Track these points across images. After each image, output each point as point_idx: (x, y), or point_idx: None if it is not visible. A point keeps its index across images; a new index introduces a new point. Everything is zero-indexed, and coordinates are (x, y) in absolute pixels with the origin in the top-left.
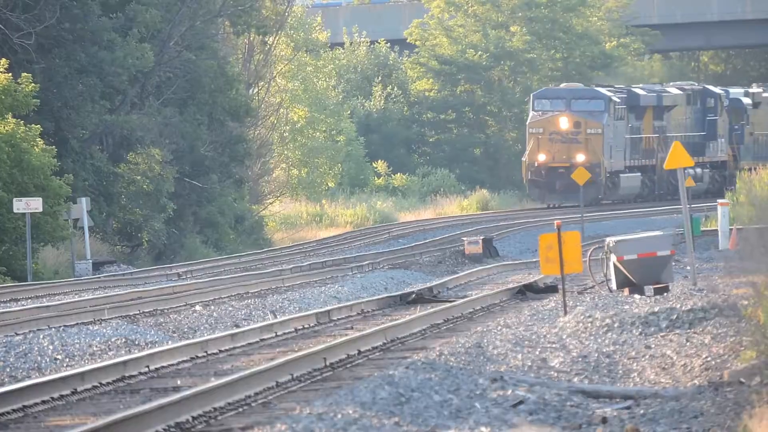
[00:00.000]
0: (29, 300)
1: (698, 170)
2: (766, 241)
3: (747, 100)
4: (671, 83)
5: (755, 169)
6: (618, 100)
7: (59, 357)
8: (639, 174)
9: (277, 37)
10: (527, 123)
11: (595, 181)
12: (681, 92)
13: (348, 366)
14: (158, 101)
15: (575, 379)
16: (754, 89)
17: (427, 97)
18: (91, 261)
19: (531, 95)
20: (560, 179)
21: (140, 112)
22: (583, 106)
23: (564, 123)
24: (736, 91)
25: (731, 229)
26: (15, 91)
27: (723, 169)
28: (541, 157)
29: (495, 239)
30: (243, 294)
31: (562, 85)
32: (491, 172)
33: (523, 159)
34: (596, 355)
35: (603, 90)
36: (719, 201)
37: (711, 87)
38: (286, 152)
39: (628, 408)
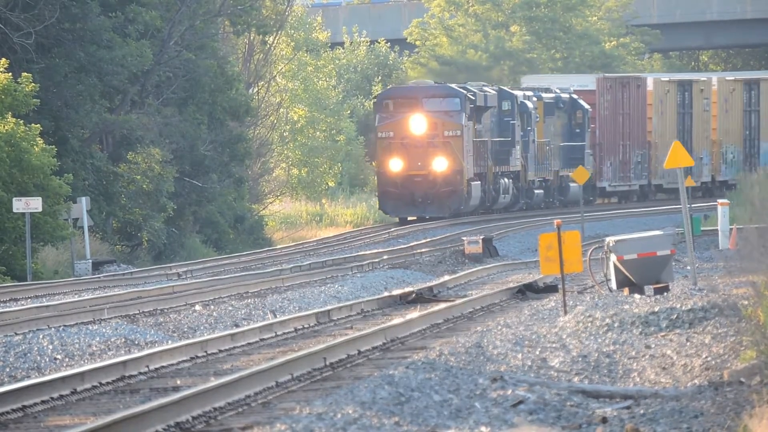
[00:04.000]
0: (29, 300)
1: (506, 180)
2: (766, 241)
3: (530, 104)
4: (476, 83)
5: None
6: (472, 98)
7: (59, 357)
8: (479, 182)
9: (277, 37)
10: (375, 127)
11: (457, 190)
12: (494, 92)
13: (348, 366)
14: (158, 101)
15: (575, 379)
16: (533, 93)
17: None
18: (90, 261)
19: (377, 95)
20: (418, 189)
21: (140, 112)
22: (437, 106)
23: (418, 125)
24: (517, 94)
25: (731, 229)
26: (15, 91)
27: (517, 180)
28: (395, 165)
29: (495, 239)
30: (243, 294)
31: (411, 83)
32: None
33: (375, 168)
34: (596, 354)
35: (457, 87)
36: (719, 201)
37: (505, 88)
38: (286, 152)
39: (628, 408)
